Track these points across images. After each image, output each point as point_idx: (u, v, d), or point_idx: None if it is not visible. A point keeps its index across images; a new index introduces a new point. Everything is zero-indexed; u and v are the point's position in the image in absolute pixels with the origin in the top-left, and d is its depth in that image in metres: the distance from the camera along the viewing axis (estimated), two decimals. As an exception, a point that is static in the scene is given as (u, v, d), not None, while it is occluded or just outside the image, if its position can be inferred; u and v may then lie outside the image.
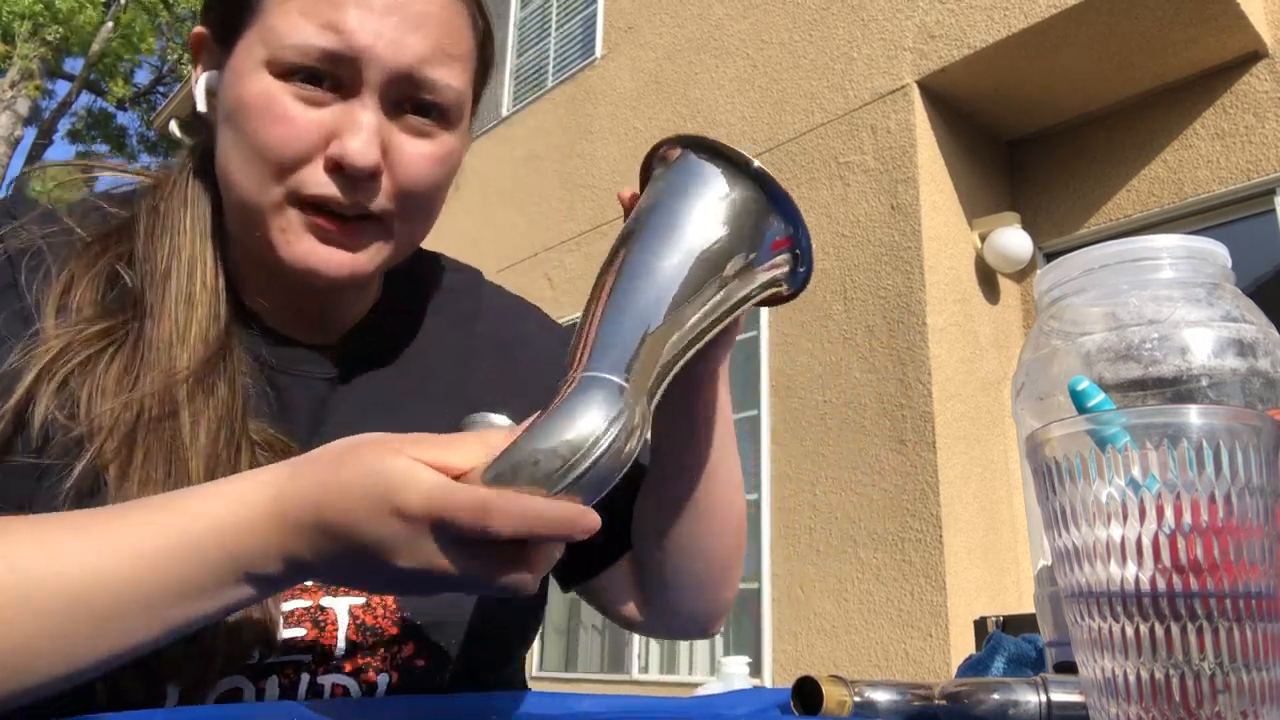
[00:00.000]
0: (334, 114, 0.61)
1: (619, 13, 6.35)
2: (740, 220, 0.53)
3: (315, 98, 0.61)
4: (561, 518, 0.43)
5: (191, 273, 0.65)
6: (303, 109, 0.61)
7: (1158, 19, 3.85)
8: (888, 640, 3.88)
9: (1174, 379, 0.50)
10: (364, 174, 0.61)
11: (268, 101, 0.60)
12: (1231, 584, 0.33)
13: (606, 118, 6.18)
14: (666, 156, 0.58)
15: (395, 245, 0.66)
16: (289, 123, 0.60)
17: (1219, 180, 4.02)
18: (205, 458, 0.59)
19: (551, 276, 6.28)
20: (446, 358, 0.77)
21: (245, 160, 0.62)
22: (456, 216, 7.19)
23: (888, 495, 4.00)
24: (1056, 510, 0.37)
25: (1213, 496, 0.34)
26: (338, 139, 0.61)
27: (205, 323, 0.63)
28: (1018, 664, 0.62)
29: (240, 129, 0.62)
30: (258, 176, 0.61)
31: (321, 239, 0.62)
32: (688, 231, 0.52)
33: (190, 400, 0.60)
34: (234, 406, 0.62)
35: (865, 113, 4.53)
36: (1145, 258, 0.54)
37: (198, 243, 0.66)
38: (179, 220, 0.67)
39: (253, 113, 0.61)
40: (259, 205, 0.62)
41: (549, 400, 0.46)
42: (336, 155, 0.60)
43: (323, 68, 0.61)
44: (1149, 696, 0.34)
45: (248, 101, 0.61)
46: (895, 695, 0.53)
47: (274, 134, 0.60)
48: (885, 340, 4.17)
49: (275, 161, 0.61)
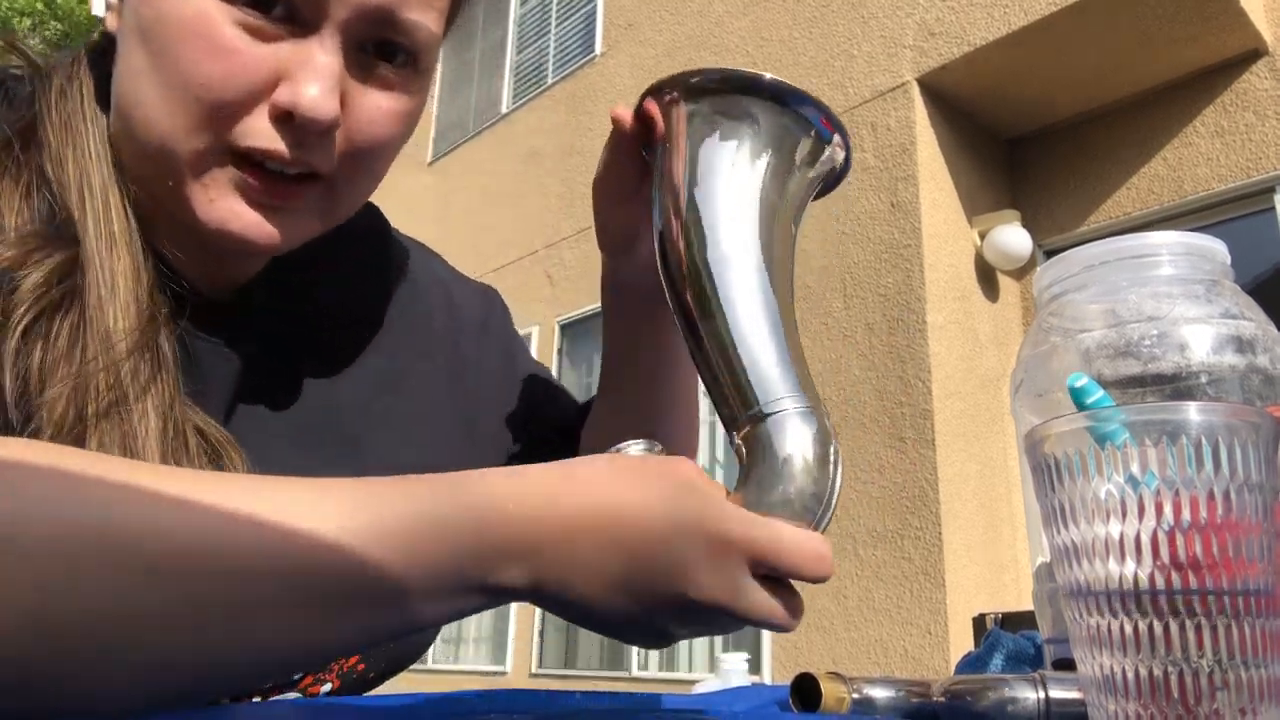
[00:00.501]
0: (285, 51, 0.50)
1: (619, 10, 6.34)
2: (774, 141, 0.52)
3: (263, 28, 0.49)
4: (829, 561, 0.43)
5: (107, 208, 0.52)
6: (248, 41, 0.49)
7: (1158, 17, 3.85)
8: (887, 637, 3.88)
9: (1173, 376, 0.50)
10: (320, 128, 0.50)
11: (204, 26, 0.48)
12: (1230, 581, 0.33)
13: (606, 115, 6.14)
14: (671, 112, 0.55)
15: (335, 212, 0.57)
16: (230, 57, 0.49)
17: (1219, 178, 4.02)
18: (159, 454, 0.49)
19: (551, 274, 6.28)
20: (357, 312, 0.68)
21: (165, 96, 0.50)
22: (456, 214, 7.20)
23: (887, 492, 4.00)
24: (1055, 507, 0.37)
25: (1211, 493, 0.34)
26: (289, 82, 0.50)
27: (130, 274, 0.52)
28: (1016, 661, 0.62)
29: (161, 55, 0.49)
30: (181, 118, 0.49)
31: (250, 200, 0.52)
32: (747, 205, 0.50)
33: (134, 378, 0.49)
34: (172, 386, 0.52)
35: (865, 110, 4.53)
36: (1144, 255, 0.54)
37: (104, 171, 0.53)
38: (84, 141, 0.54)
39: (182, 38, 0.49)
40: (177, 153, 0.50)
41: (748, 447, 0.46)
42: (287, 103, 0.49)
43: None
44: (1147, 693, 0.34)
45: (176, 22, 0.49)
46: (894, 692, 0.53)
47: (210, 69, 0.48)
48: (885, 338, 4.17)
49: (208, 103, 0.49)
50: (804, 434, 0.45)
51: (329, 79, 0.50)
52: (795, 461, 0.44)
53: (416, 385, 0.69)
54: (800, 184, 0.53)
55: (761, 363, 0.47)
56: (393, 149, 0.57)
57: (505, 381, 0.76)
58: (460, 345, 0.73)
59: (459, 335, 0.74)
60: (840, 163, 0.56)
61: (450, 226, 7.17)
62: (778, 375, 0.46)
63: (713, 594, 0.40)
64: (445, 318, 0.73)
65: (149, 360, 0.50)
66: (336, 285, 0.67)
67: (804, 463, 0.44)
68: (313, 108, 0.49)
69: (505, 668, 5.83)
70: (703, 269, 0.49)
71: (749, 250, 0.49)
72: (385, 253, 0.72)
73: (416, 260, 0.74)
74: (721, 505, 0.41)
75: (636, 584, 0.40)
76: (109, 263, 0.51)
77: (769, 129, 0.52)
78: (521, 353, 0.81)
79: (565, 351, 6.14)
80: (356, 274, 0.68)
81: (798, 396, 0.46)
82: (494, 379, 0.75)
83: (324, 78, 0.50)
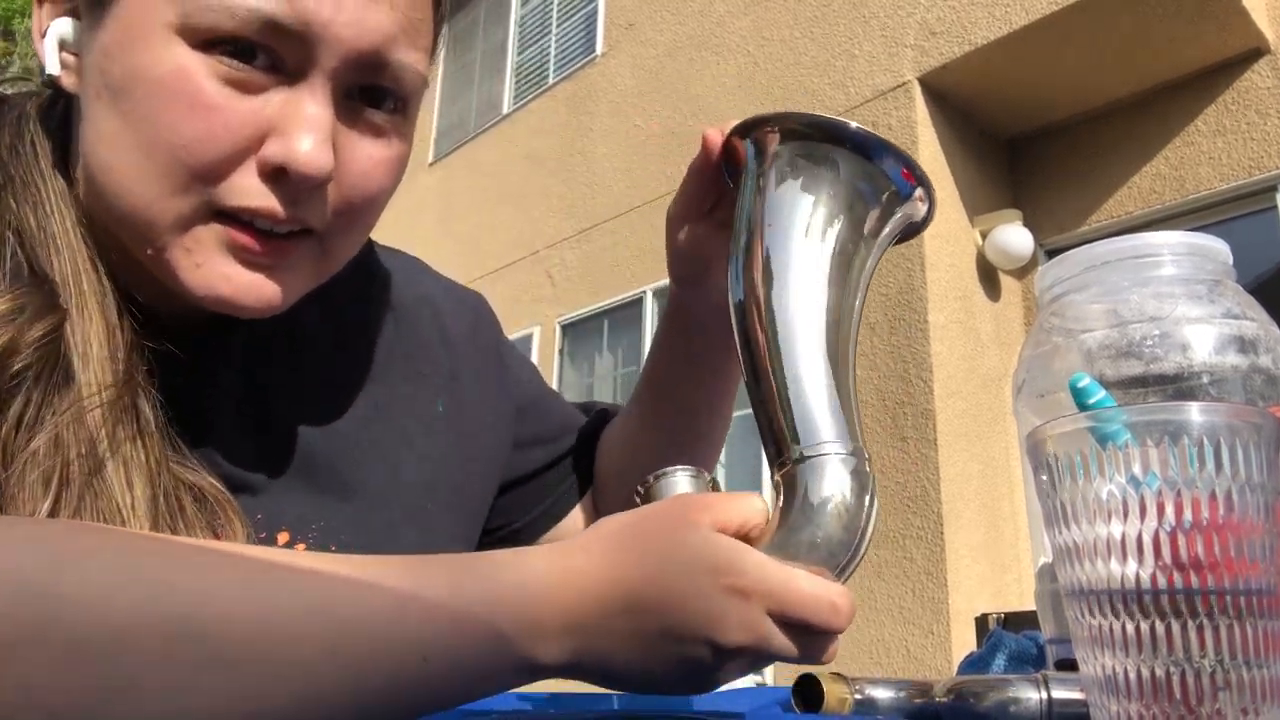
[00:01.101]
0: (272, 103, 0.47)
1: (620, 10, 6.34)
2: (853, 191, 0.53)
3: (247, 80, 0.46)
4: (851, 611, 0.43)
5: (76, 270, 0.49)
6: (231, 95, 0.46)
7: (1159, 15, 3.84)
8: (889, 637, 3.88)
9: (1175, 376, 0.50)
10: (314, 183, 0.48)
11: (182, 83, 0.45)
12: (1232, 581, 0.33)
13: (607, 115, 6.18)
14: (764, 145, 0.56)
15: (329, 266, 0.54)
16: (214, 114, 0.46)
17: (1220, 177, 4.01)
18: (150, 522, 0.46)
19: (553, 274, 6.28)
20: (343, 342, 0.66)
21: (142, 160, 0.47)
22: (456, 214, 7.20)
23: (889, 492, 4.00)
24: (1057, 507, 0.37)
25: (1213, 493, 0.34)
26: (279, 136, 0.47)
27: (104, 336, 0.49)
28: (1019, 661, 0.62)
29: (136, 116, 0.46)
30: (162, 182, 0.46)
31: (243, 262, 0.49)
32: (817, 241, 0.52)
33: (112, 445, 0.46)
34: (158, 449, 0.49)
35: (866, 110, 4.52)
36: (1146, 255, 0.54)
37: (70, 231, 0.50)
38: (45, 200, 0.50)
39: (159, 96, 0.46)
40: (158, 219, 0.47)
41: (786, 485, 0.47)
42: (279, 159, 0.47)
43: (261, 41, 0.46)
44: (1149, 694, 0.34)
45: (152, 80, 0.46)
46: (896, 692, 0.53)
47: (192, 128, 0.46)
48: (886, 337, 4.17)
49: (191, 165, 0.46)
50: (841, 480, 0.46)
51: (321, 131, 0.47)
52: (828, 507, 0.45)
53: (407, 410, 0.67)
54: (875, 232, 0.54)
55: (811, 406, 0.48)
56: (385, 198, 0.54)
57: (499, 392, 0.75)
58: (450, 363, 0.72)
59: (448, 352, 0.72)
60: (921, 216, 0.57)
61: (451, 227, 7.17)
62: (825, 420, 0.47)
63: (740, 639, 0.41)
64: (433, 336, 0.72)
65: (128, 424, 0.48)
66: (320, 315, 0.64)
67: (836, 509, 0.45)
68: (308, 163, 0.46)
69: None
70: (768, 307, 0.51)
71: (816, 295, 0.50)
72: (369, 277, 0.70)
73: (400, 280, 0.72)
74: (736, 554, 0.42)
75: (670, 645, 0.41)
76: (80, 326, 0.48)
77: (849, 178, 0.54)
78: (513, 360, 0.80)
79: (566, 351, 6.14)
80: (340, 302, 0.66)
81: (841, 442, 0.46)
82: (487, 391, 0.74)
83: (316, 129, 0.47)
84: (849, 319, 0.51)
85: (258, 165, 0.47)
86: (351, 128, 0.50)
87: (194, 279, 0.48)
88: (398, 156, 0.53)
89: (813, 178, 0.53)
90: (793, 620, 0.42)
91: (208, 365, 0.57)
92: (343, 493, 0.61)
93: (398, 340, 0.69)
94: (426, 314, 0.73)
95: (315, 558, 0.41)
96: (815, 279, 0.51)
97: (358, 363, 0.66)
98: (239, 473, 0.56)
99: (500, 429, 0.75)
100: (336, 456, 0.62)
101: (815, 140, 0.54)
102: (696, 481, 0.48)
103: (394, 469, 0.64)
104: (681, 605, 0.41)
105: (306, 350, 0.63)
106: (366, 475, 0.63)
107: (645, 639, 0.42)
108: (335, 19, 0.46)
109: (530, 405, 0.78)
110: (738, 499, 0.45)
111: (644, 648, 0.42)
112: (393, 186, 0.54)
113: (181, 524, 0.48)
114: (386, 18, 0.48)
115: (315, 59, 0.47)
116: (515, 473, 0.76)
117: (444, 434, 0.69)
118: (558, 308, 6.16)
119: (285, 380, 0.61)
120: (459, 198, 7.29)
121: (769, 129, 0.56)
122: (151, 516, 0.47)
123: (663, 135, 5.61)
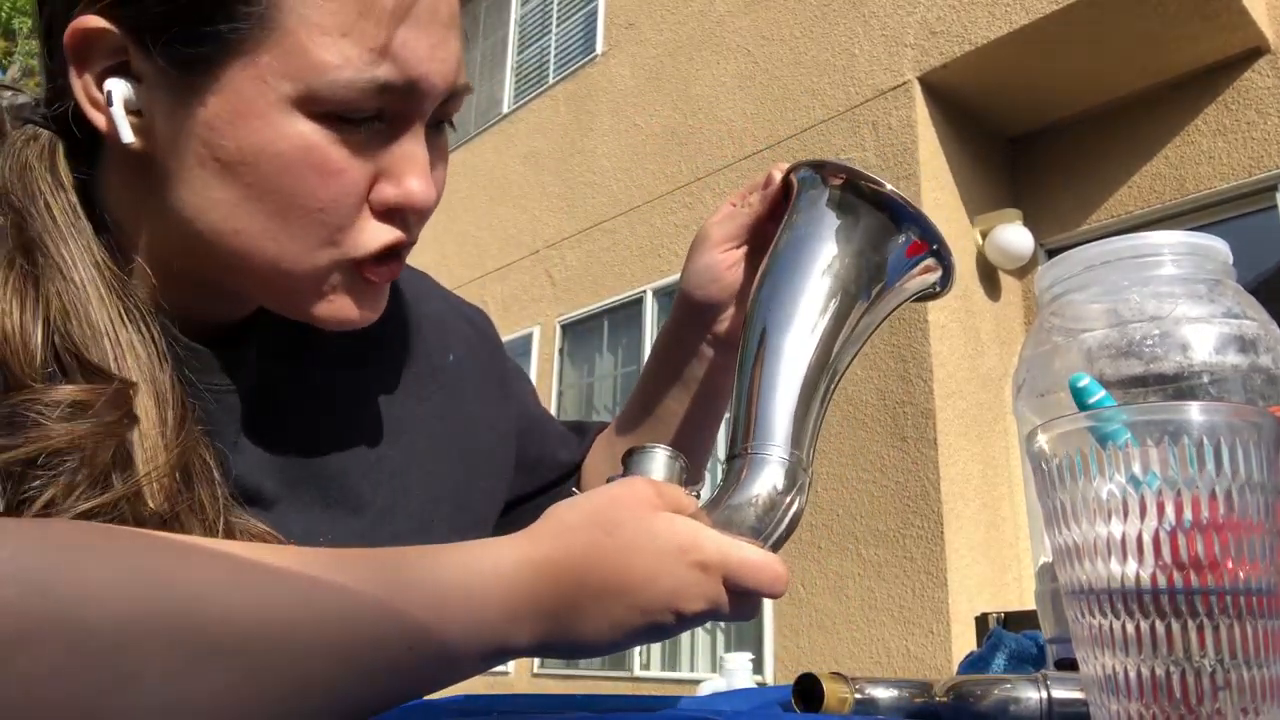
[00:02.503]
0: (379, 152, 0.51)
1: (620, 9, 6.34)
2: (875, 245, 0.60)
3: (359, 139, 0.50)
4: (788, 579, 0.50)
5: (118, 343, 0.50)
6: (350, 156, 0.50)
7: (1159, 15, 3.84)
8: (889, 637, 3.88)
9: (1175, 375, 0.50)
10: (428, 215, 0.53)
11: (311, 156, 0.48)
12: (1232, 581, 0.33)
13: (607, 114, 6.18)
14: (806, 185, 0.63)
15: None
16: (343, 177, 0.49)
17: (1220, 176, 4.01)
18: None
19: (553, 274, 6.28)
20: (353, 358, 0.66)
21: (278, 222, 0.50)
22: (457, 214, 7.20)
23: (889, 492, 4.00)
24: (1057, 507, 0.37)
25: (1213, 493, 0.34)
26: (390, 179, 0.51)
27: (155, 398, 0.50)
28: (1019, 661, 0.62)
29: (263, 185, 0.49)
30: (301, 242, 0.50)
31: (365, 290, 0.54)
32: (824, 279, 0.58)
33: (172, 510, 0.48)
34: (223, 498, 0.51)
35: (867, 109, 4.53)
36: (1146, 254, 0.54)
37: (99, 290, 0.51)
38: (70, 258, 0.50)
39: (293, 169, 0.48)
40: (298, 271, 0.51)
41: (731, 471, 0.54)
42: (396, 201, 0.51)
43: (374, 105, 0.49)
44: (1150, 693, 0.34)
45: (280, 154, 0.48)
46: (896, 692, 0.53)
47: (327, 193, 0.49)
48: (886, 337, 4.17)
49: (329, 224, 0.50)
50: (775, 476, 0.53)
51: (426, 167, 0.52)
52: (759, 500, 0.53)
53: (416, 426, 0.68)
54: (884, 287, 0.61)
55: (774, 415, 0.55)
56: None
57: (504, 412, 0.76)
58: (458, 380, 0.73)
59: (456, 369, 0.73)
60: (934, 284, 0.64)
61: (452, 226, 7.17)
62: (782, 429, 0.54)
63: (701, 607, 0.47)
64: (442, 353, 0.73)
65: (185, 484, 0.49)
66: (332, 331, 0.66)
67: (764, 502, 0.53)
68: (424, 201, 0.52)
69: (507, 668, 5.84)
70: (768, 323, 0.58)
71: (809, 325, 0.57)
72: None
73: (411, 295, 0.73)
74: (698, 534, 0.48)
75: (638, 618, 0.46)
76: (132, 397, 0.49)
77: (869, 232, 0.60)
78: (515, 379, 0.80)
79: (566, 351, 6.14)
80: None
81: (785, 448, 0.54)
82: (492, 410, 0.75)
83: (424, 169, 0.52)
84: (838, 356, 0.58)
85: (373, 208, 0.52)
86: (430, 152, 0.54)
87: (325, 311, 0.54)
88: (447, 170, 0.58)
89: (836, 224, 0.60)
90: (743, 588, 0.48)
91: (222, 375, 0.58)
92: (351, 507, 0.62)
93: (408, 356, 0.70)
94: (436, 330, 0.73)
95: (301, 552, 0.42)
96: (814, 311, 0.58)
97: (369, 377, 0.67)
98: (250, 484, 0.57)
99: (505, 448, 0.75)
100: (346, 470, 0.62)
101: (849, 191, 0.61)
102: (672, 464, 0.54)
103: (403, 484, 0.65)
104: (653, 583, 0.46)
105: (318, 364, 0.64)
106: (375, 490, 0.63)
107: (615, 617, 0.45)
108: (431, 69, 0.50)
109: (531, 426, 0.79)
110: (677, 487, 0.51)
111: (613, 624, 0.46)
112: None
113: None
114: (454, 53, 0.52)
115: (418, 108, 0.51)
116: (515, 493, 0.77)
117: (451, 451, 0.69)
118: (558, 307, 6.16)
119: (297, 392, 0.62)
120: (459, 197, 7.29)
121: (817, 170, 0.63)
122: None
123: (663, 135, 5.61)
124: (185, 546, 0.40)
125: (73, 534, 0.37)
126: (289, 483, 0.59)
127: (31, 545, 0.35)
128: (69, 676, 0.32)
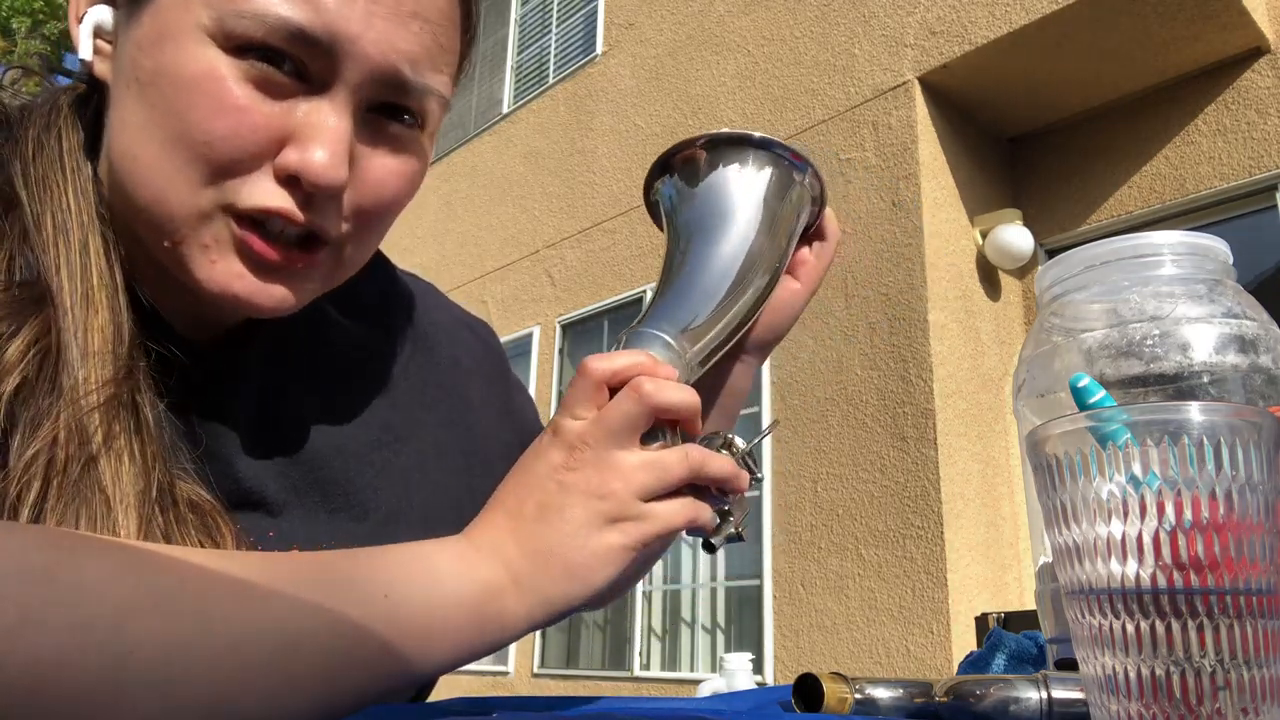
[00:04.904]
0: (295, 111, 0.48)
1: (619, 9, 6.34)
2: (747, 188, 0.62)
3: (273, 84, 0.48)
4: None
5: (85, 264, 0.50)
6: (256, 98, 0.47)
7: (1159, 15, 3.84)
8: (889, 637, 3.88)
9: (1175, 375, 0.50)
10: (327, 194, 0.49)
11: (212, 82, 0.47)
12: (1232, 581, 0.33)
13: (607, 114, 6.18)
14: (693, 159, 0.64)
15: (338, 274, 0.56)
16: (240, 114, 0.47)
17: (1220, 176, 4.01)
18: (137, 524, 0.47)
19: (553, 274, 6.28)
20: (361, 361, 0.67)
21: (166, 151, 0.48)
22: (457, 214, 7.20)
23: (889, 492, 4.00)
24: (1057, 507, 0.37)
25: (1213, 493, 0.34)
26: (297, 144, 0.48)
27: (108, 330, 0.49)
28: (1019, 661, 0.62)
29: (163, 110, 0.48)
30: (184, 175, 0.48)
31: (256, 265, 0.50)
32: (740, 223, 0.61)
33: (108, 439, 0.47)
34: (155, 449, 0.49)
35: (866, 109, 4.53)
36: (1146, 254, 0.54)
37: (85, 223, 0.51)
38: (62, 196, 0.51)
39: (188, 93, 0.47)
40: (176, 211, 0.48)
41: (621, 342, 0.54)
42: (294, 166, 0.48)
43: (289, 49, 0.47)
44: (1149, 693, 0.34)
45: (182, 77, 0.47)
46: (896, 692, 0.53)
47: (218, 126, 0.47)
48: (886, 337, 4.17)
49: (214, 161, 0.47)
50: (653, 348, 0.54)
51: (339, 143, 0.48)
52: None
53: (421, 436, 0.68)
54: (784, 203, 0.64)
55: (679, 302, 0.57)
56: (398, 209, 0.56)
57: (506, 425, 0.76)
58: (463, 392, 0.73)
59: (461, 381, 0.73)
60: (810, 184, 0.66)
61: (452, 226, 7.17)
62: (679, 317, 0.56)
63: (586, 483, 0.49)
64: (448, 365, 0.73)
65: (125, 419, 0.48)
66: (340, 336, 0.65)
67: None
68: (321, 173, 0.48)
69: (508, 668, 5.84)
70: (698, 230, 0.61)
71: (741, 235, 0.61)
72: (390, 303, 0.71)
73: (419, 307, 0.73)
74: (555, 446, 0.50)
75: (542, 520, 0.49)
76: (84, 319, 0.48)
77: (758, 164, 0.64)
78: (517, 394, 0.80)
79: (566, 351, 6.14)
80: (360, 321, 0.67)
81: (675, 339, 0.55)
82: (496, 423, 0.75)
83: (334, 141, 0.48)
84: (763, 264, 0.61)
85: (275, 170, 0.49)
86: (370, 139, 0.52)
87: (208, 275, 0.50)
88: (414, 170, 0.54)
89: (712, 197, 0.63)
90: (612, 440, 0.49)
91: (226, 381, 0.58)
92: (355, 514, 0.62)
93: (415, 367, 0.70)
94: (443, 342, 0.73)
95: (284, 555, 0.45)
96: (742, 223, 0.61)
97: (376, 386, 0.67)
98: (255, 489, 0.57)
99: (507, 461, 0.75)
100: (351, 478, 0.62)
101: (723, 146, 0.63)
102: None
103: (406, 493, 0.65)
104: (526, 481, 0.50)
105: (325, 370, 0.64)
106: (380, 498, 0.63)
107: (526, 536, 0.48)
108: (363, 35, 0.48)
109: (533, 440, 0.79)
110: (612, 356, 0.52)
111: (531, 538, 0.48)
112: (407, 198, 0.55)
113: (173, 518, 0.49)
114: (414, 40, 0.50)
115: (340, 72, 0.49)
116: None
117: (455, 461, 0.69)
118: (558, 307, 6.16)
119: (303, 399, 0.62)
120: (459, 197, 7.29)
121: (661, 172, 0.65)
122: (140, 510, 0.47)
123: (663, 135, 5.61)
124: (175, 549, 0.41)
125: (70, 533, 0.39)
126: (292, 488, 0.59)
127: (33, 542, 0.36)
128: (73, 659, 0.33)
